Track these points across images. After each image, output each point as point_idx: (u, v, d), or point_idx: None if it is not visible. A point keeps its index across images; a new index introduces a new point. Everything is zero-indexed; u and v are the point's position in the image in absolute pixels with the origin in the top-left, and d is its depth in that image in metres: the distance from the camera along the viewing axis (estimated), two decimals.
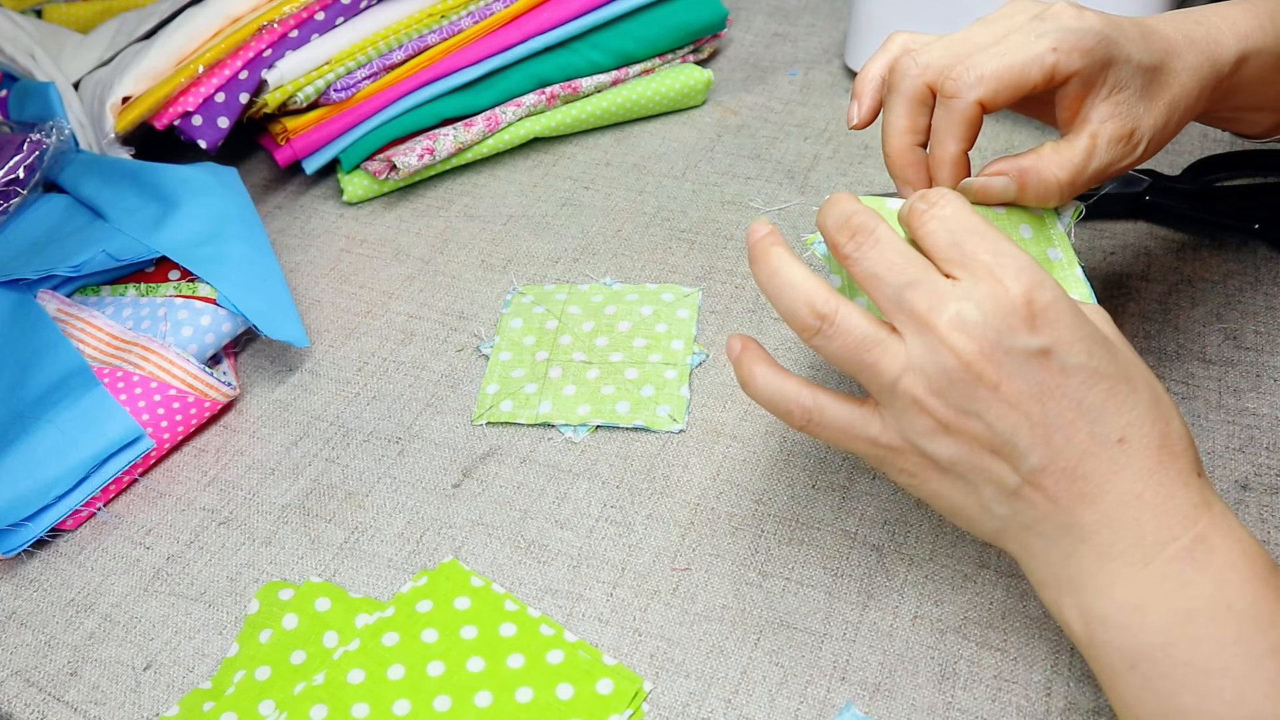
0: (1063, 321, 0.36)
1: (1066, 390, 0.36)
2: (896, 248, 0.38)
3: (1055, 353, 0.36)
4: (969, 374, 0.36)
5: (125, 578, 0.51)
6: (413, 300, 0.65)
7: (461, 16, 0.72)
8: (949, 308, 0.36)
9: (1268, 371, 0.55)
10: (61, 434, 0.52)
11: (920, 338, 0.36)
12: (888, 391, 0.37)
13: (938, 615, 0.47)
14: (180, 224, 0.60)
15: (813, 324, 0.38)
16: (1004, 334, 0.35)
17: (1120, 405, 0.36)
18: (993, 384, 0.36)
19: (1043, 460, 0.36)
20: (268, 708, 0.45)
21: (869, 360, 0.37)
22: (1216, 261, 0.62)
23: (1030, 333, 0.35)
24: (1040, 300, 0.36)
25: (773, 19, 0.88)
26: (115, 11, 0.83)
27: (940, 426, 0.37)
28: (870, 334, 0.37)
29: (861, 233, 0.38)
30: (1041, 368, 0.36)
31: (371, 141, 0.70)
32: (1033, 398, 0.36)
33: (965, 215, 0.38)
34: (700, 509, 0.52)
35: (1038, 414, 0.36)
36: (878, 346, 0.37)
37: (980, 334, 0.35)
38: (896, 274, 0.37)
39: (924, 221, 0.38)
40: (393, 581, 0.50)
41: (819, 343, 0.38)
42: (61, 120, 0.67)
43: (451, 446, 0.56)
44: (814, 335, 0.38)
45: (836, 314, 0.37)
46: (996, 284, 0.36)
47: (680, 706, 0.44)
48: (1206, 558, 0.35)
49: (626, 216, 0.69)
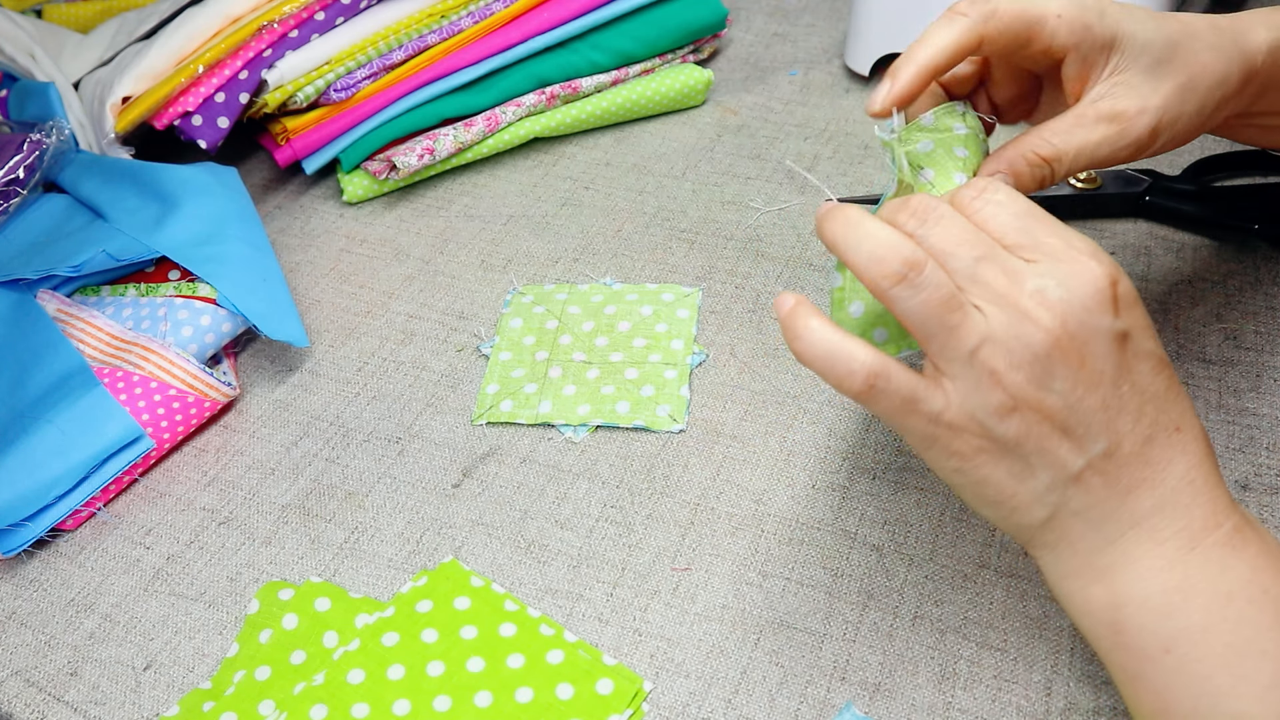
0: (1139, 308, 0.36)
1: (1138, 375, 0.36)
2: (963, 223, 0.36)
3: (1133, 337, 0.36)
4: (1054, 349, 0.35)
5: (125, 578, 0.51)
6: (413, 300, 0.65)
7: (461, 16, 0.72)
8: (1030, 283, 0.35)
9: (1268, 371, 0.55)
10: (61, 434, 0.52)
11: (1002, 311, 0.35)
12: (963, 360, 0.35)
13: (938, 615, 0.47)
14: (180, 224, 0.60)
15: (899, 269, 0.35)
16: (1091, 312, 0.35)
17: (1178, 395, 0.37)
18: (1077, 362, 0.35)
19: (1111, 445, 0.36)
20: (268, 708, 0.45)
21: (952, 322, 0.35)
22: (1216, 261, 0.62)
23: (1114, 315, 0.35)
24: (1123, 283, 0.36)
25: (773, 19, 0.88)
26: (115, 11, 0.83)
27: (1013, 403, 0.35)
28: (955, 295, 0.35)
29: (925, 210, 0.37)
30: (1120, 350, 0.36)
31: (371, 141, 0.70)
32: (1111, 380, 0.36)
33: (1023, 200, 0.37)
34: (700, 509, 0.52)
35: (1113, 396, 0.36)
36: (961, 309, 0.35)
37: (1065, 310, 0.35)
38: (969, 248, 0.36)
39: (980, 207, 0.37)
40: (393, 581, 0.50)
41: (902, 292, 0.35)
42: (61, 120, 0.67)
43: (451, 446, 0.56)
44: (897, 283, 0.35)
45: (928, 266, 0.35)
46: (1078, 263, 0.35)
47: (680, 706, 0.44)
48: (1243, 545, 0.36)
49: (626, 216, 0.69)
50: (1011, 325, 0.35)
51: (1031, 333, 0.35)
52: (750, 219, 0.68)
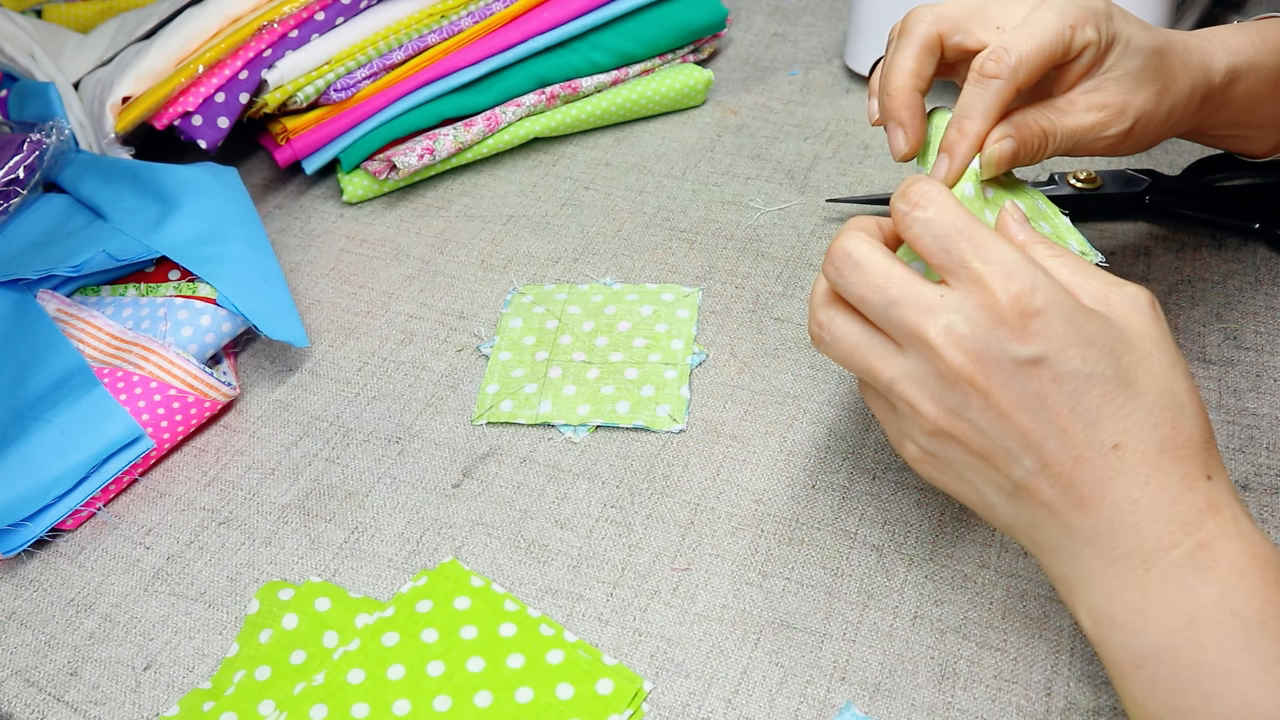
0: (1055, 328, 0.36)
1: (1058, 397, 0.36)
2: (878, 267, 0.38)
3: (1046, 360, 0.36)
4: (961, 382, 0.37)
5: (125, 578, 0.51)
6: (413, 300, 0.65)
7: (461, 16, 0.72)
8: (939, 319, 0.37)
9: (1268, 371, 0.55)
10: (61, 434, 0.52)
11: (914, 349, 0.38)
12: (886, 393, 0.40)
13: (938, 615, 0.47)
14: (180, 224, 0.60)
15: (815, 332, 0.42)
16: (993, 344, 0.36)
17: (1116, 411, 0.36)
18: (983, 392, 0.36)
19: (1035, 465, 0.37)
20: (268, 708, 0.45)
21: (864, 365, 0.40)
22: (1216, 261, 0.62)
23: (1020, 342, 0.36)
24: (1031, 307, 0.36)
25: (773, 19, 0.88)
26: (115, 11, 0.83)
27: (934, 429, 0.39)
28: (864, 341, 0.40)
29: (839, 259, 0.40)
30: (1032, 376, 0.36)
31: (371, 141, 0.70)
32: (1023, 406, 0.36)
33: (949, 215, 0.38)
34: (700, 509, 0.52)
35: (1028, 421, 0.36)
36: (872, 352, 0.39)
37: (969, 345, 0.36)
38: (879, 294, 0.38)
39: (908, 225, 0.39)
40: (393, 581, 0.50)
41: (824, 351, 0.42)
42: (61, 120, 0.67)
43: (451, 446, 0.56)
44: (818, 344, 0.42)
45: (832, 323, 0.41)
46: (985, 293, 0.36)
47: (680, 706, 0.44)
48: (1210, 564, 0.35)
49: (626, 216, 0.69)
50: (923, 363, 0.38)
51: (940, 369, 0.37)
52: (750, 219, 0.68)
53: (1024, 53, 0.42)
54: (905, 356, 0.38)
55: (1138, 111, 0.45)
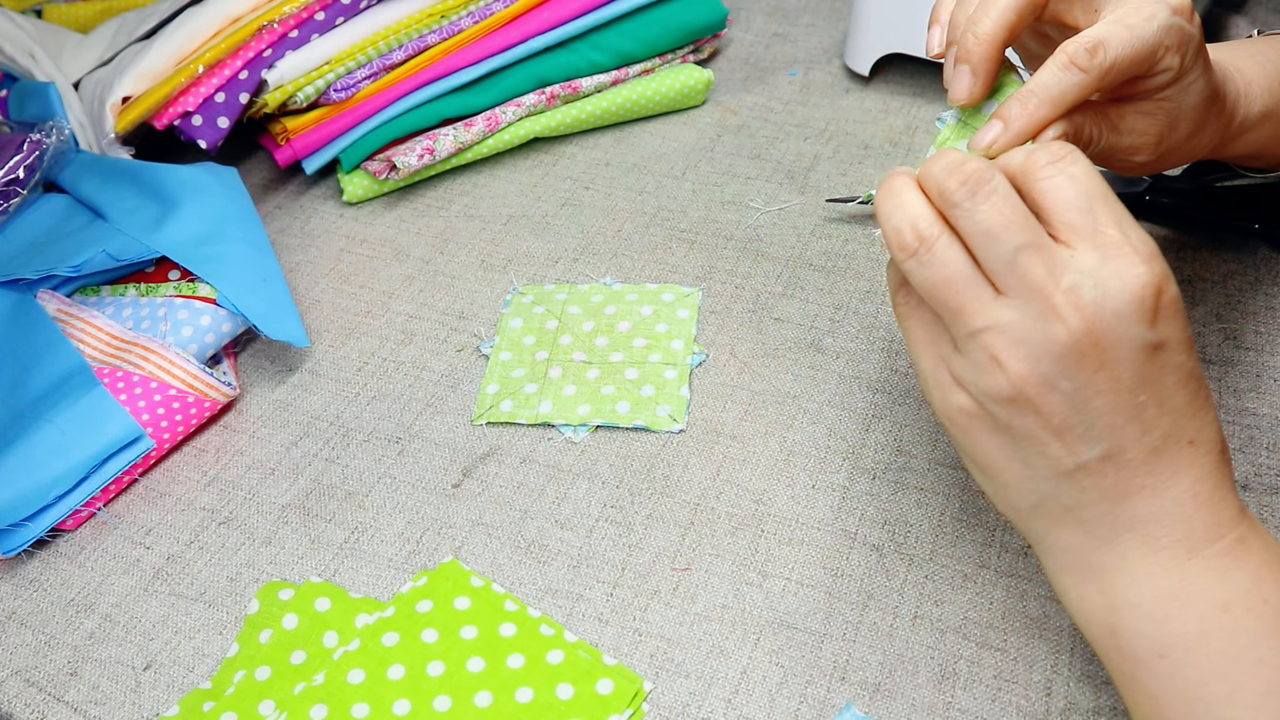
0: (1179, 319, 0.35)
1: (1162, 387, 0.35)
2: (1014, 204, 0.35)
3: (1166, 349, 0.35)
4: (1072, 350, 0.34)
5: (125, 578, 0.51)
6: (413, 300, 0.65)
7: (461, 16, 0.72)
8: (1067, 278, 0.34)
9: (1268, 371, 0.55)
10: (61, 434, 0.52)
11: (1030, 304, 0.34)
12: (965, 339, 0.36)
13: (938, 615, 0.47)
14: (180, 224, 0.60)
15: (911, 244, 0.36)
16: (1123, 319, 0.34)
17: (1199, 409, 0.36)
18: (1094, 365, 0.34)
19: (1109, 450, 0.35)
20: (268, 708, 0.45)
21: (954, 302, 0.36)
22: (1216, 261, 0.62)
23: (1150, 325, 0.34)
24: (1168, 293, 0.34)
25: (773, 19, 0.88)
26: (115, 11, 0.83)
27: (1012, 391, 0.35)
28: (966, 275, 0.35)
29: (977, 181, 0.35)
30: (1148, 361, 0.35)
31: (371, 141, 0.70)
32: (1131, 387, 0.35)
33: (1097, 179, 0.36)
34: (700, 509, 0.52)
35: (1126, 404, 0.35)
36: (969, 290, 0.35)
37: (1095, 313, 0.34)
38: (1014, 233, 0.34)
39: (1050, 174, 0.35)
40: (393, 581, 0.50)
41: (912, 266, 0.36)
42: (61, 120, 0.67)
43: (451, 446, 0.56)
44: (909, 257, 0.36)
45: (936, 242, 0.36)
46: (1126, 263, 0.34)
47: (680, 706, 0.44)
48: (1246, 555, 0.36)
49: (626, 216, 0.69)
50: (1036, 320, 0.34)
51: (1054, 330, 0.34)
52: (750, 219, 0.68)
53: (1119, 56, 0.39)
54: (1009, 308, 0.35)
55: (1168, 146, 0.43)
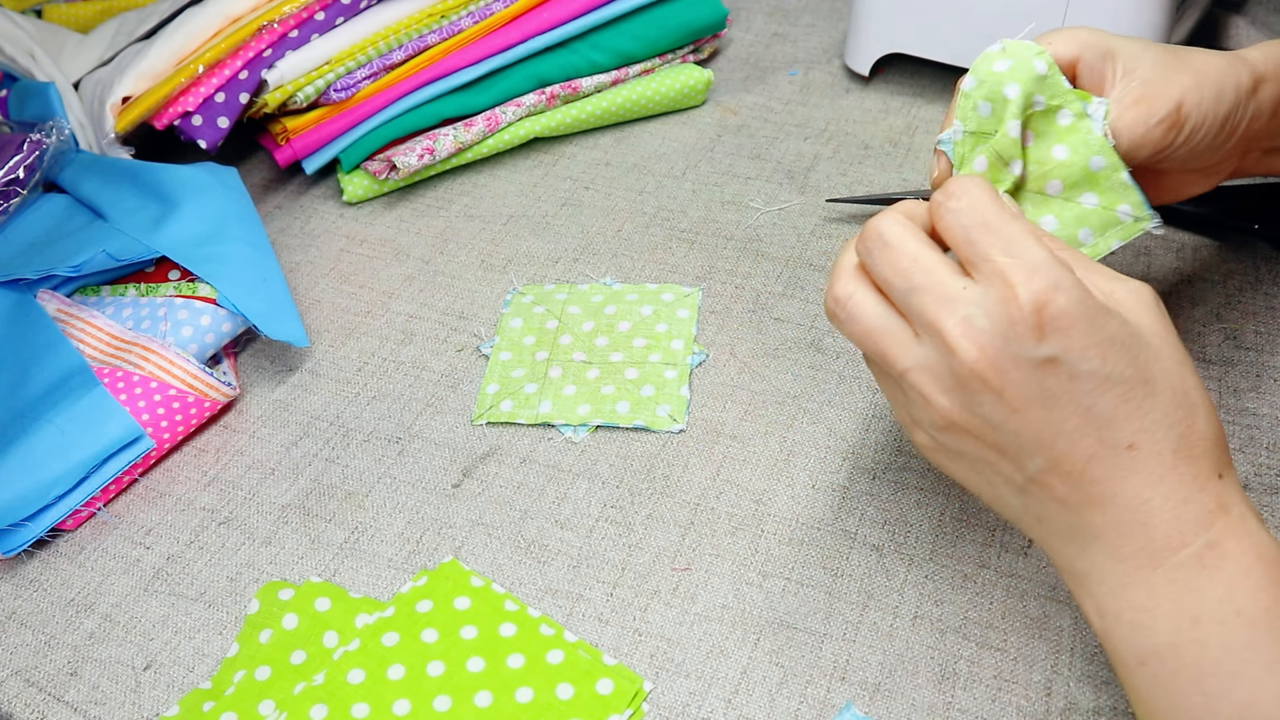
0: (1076, 328, 0.35)
1: (1074, 397, 0.35)
2: (907, 251, 0.38)
3: (1063, 360, 0.35)
4: (974, 377, 0.36)
5: (125, 578, 0.51)
6: (413, 300, 0.65)
7: (461, 16, 0.72)
8: (957, 312, 0.36)
9: (1268, 371, 0.55)
10: (61, 434, 0.52)
11: (931, 339, 0.37)
12: (898, 381, 0.39)
13: (938, 615, 0.47)
14: (180, 224, 0.60)
15: (830, 306, 0.40)
16: (1010, 342, 0.35)
17: (1133, 411, 0.36)
18: (997, 389, 0.36)
19: (1047, 463, 0.36)
20: (268, 708, 0.45)
21: (878, 349, 0.39)
22: (1216, 261, 0.62)
23: (1037, 341, 0.35)
24: (1052, 307, 0.35)
25: (773, 19, 0.88)
26: (115, 11, 0.83)
27: (946, 423, 0.38)
28: (882, 323, 0.39)
29: (871, 236, 0.39)
30: (1048, 375, 0.35)
31: (371, 141, 0.70)
32: (1037, 403, 0.36)
33: (981, 207, 0.37)
34: (700, 509, 0.52)
35: (1042, 419, 0.36)
36: (889, 336, 0.38)
37: (986, 341, 0.36)
38: (903, 278, 0.38)
39: (940, 216, 0.38)
40: (393, 581, 0.50)
41: (838, 325, 0.40)
42: (61, 120, 0.67)
43: (451, 446, 0.56)
44: (832, 318, 0.40)
45: (850, 299, 0.39)
46: (1006, 288, 0.35)
47: (680, 706, 0.44)
48: (1217, 564, 0.35)
49: (626, 216, 0.69)
50: (936, 353, 0.37)
51: (954, 363, 0.36)
52: (750, 219, 0.68)
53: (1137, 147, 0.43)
54: (921, 345, 0.38)
55: (1178, 95, 0.43)
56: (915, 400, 0.39)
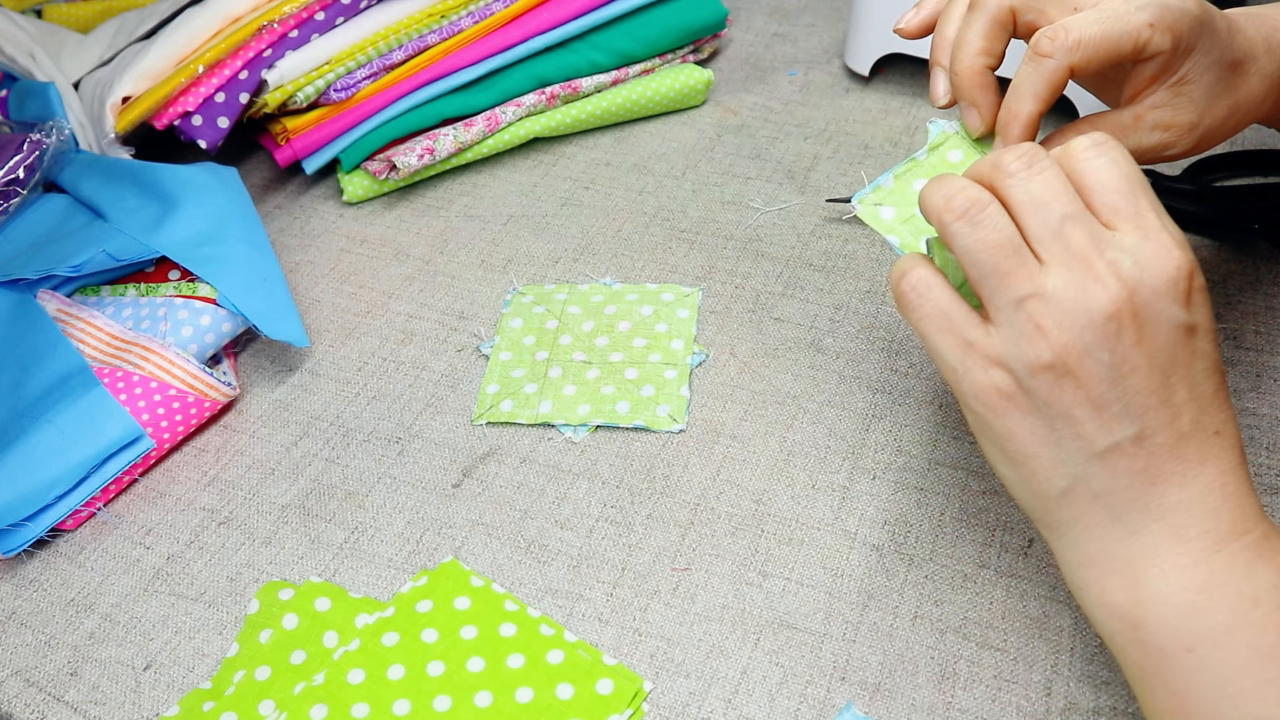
0: (1208, 308, 0.36)
1: (1193, 372, 0.36)
2: (1065, 180, 0.36)
3: (1198, 333, 0.36)
4: (1113, 319, 0.35)
5: (125, 578, 0.51)
6: (413, 300, 0.65)
7: (461, 16, 0.72)
8: (1109, 251, 0.35)
9: (1268, 371, 0.55)
10: (61, 434, 0.52)
11: (1072, 271, 0.35)
12: (1010, 307, 0.36)
13: (938, 615, 0.47)
14: (180, 224, 0.60)
15: (962, 205, 0.36)
16: (1160, 296, 0.35)
17: (1224, 402, 0.37)
18: (1134, 337, 0.35)
19: (1142, 431, 0.36)
20: (268, 708, 0.45)
21: (1004, 267, 0.36)
22: (1216, 261, 0.62)
23: (1185, 307, 0.35)
24: (1198, 280, 0.36)
25: (773, 19, 0.88)
26: (115, 11, 0.83)
27: (1052, 360, 0.35)
28: (1015, 240, 0.36)
29: (1033, 155, 0.37)
30: (1181, 343, 0.35)
31: (371, 141, 0.70)
32: (1164, 367, 0.35)
33: (1136, 168, 0.37)
34: (700, 509, 0.52)
35: (1160, 384, 0.35)
36: (1017, 256, 0.36)
37: (1135, 285, 0.35)
38: (1061, 203, 0.36)
39: (1092, 157, 0.36)
40: (393, 581, 0.50)
41: (961, 228, 0.37)
42: (61, 120, 0.67)
43: (451, 446, 0.56)
44: (959, 218, 0.36)
45: (990, 206, 0.36)
46: (1164, 247, 0.35)
47: (680, 706, 0.44)
48: (1272, 553, 0.36)
49: (626, 216, 0.69)
50: (1077, 287, 0.35)
51: (1096, 297, 0.35)
52: (750, 219, 0.68)
53: (1084, 36, 0.40)
54: (1053, 275, 0.35)
55: (1205, 129, 0.43)
56: (1023, 332, 0.35)
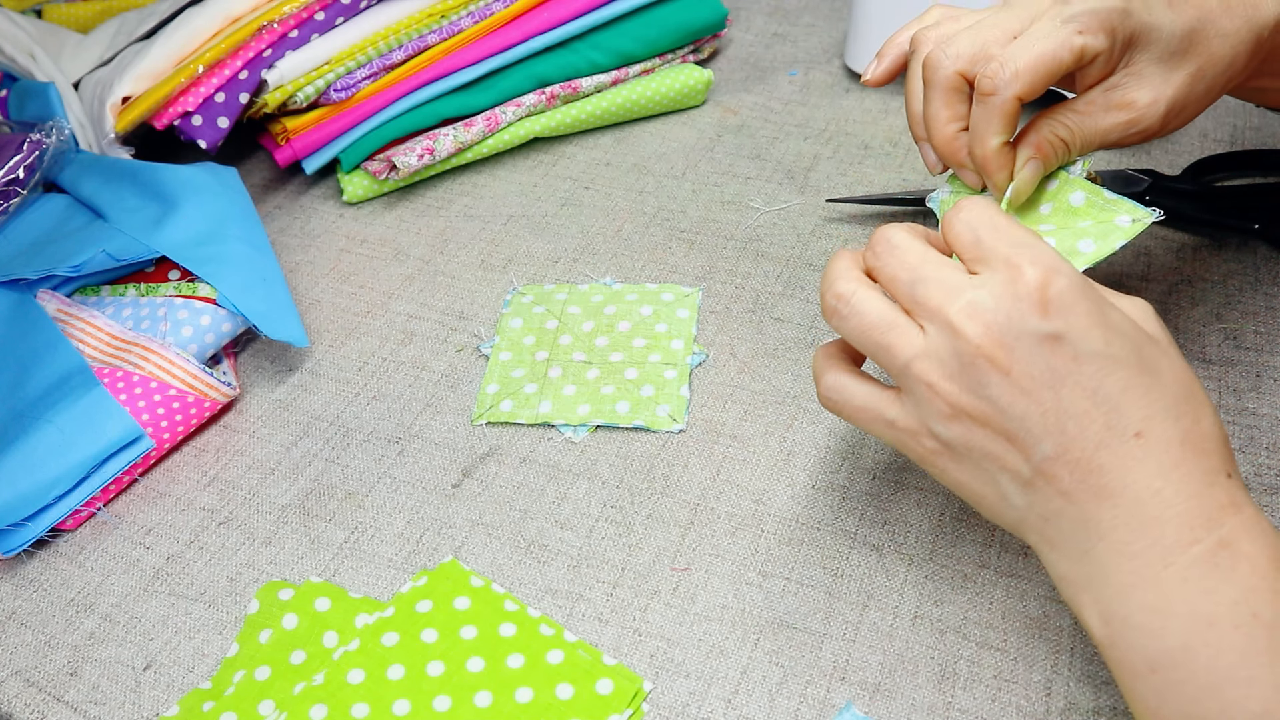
0: (1079, 307, 0.36)
1: (1080, 377, 0.35)
2: (915, 251, 0.39)
3: (1068, 339, 0.35)
4: (980, 357, 0.36)
5: (125, 578, 0.51)
6: (413, 300, 0.65)
7: (461, 16, 0.72)
8: (963, 296, 0.37)
9: (1268, 371, 0.55)
10: (61, 434, 0.52)
11: (934, 325, 0.37)
12: (901, 373, 0.38)
13: (938, 615, 0.47)
14: (180, 224, 0.60)
15: (831, 304, 0.40)
16: (1015, 318, 0.36)
17: (1139, 397, 0.36)
18: (1004, 368, 0.36)
19: (1055, 449, 0.36)
20: (268, 708, 0.45)
21: (883, 342, 0.39)
22: (1216, 261, 0.62)
23: (1041, 317, 0.35)
24: (1055, 286, 0.36)
25: (773, 19, 0.88)
26: (115, 11, 0.83)
27: (953, 411, 0.37)
28: (886, 318, 0.39)
29: (879, 243, 0.40)
30: (1053, 353, 0.35)
31: (371, 141, 0.70)
32: (1044, 384, 0.36)
33: (990, 213, 0.38)
34: (700, 509, 0.52)
35: (1049, 400, 0.36)
36: (892, 330, 0.38)
37: (991, 318, 0.36)
38: (909, 272, 0.38)
39: (950, 224, 0.39)
40: (393, 581, 0.50)
41: (837, 323, 0.40)
42: (61, 120, 0.67)
43: (451, 446, 0.56)
44: (833, 315, 0.40)
45: (853, 296, 0.39)
46: (1011, 271, 0.36)
47: (680, 706, 0.44)
48: (1231, 564, 0.34)
49: (626, 216, 0.69)
50: (942, 338, 0.37)
51: (959, 344, 0.36)
52: (750, 219, 0.68)
53: (1020, 66, 0.41)
54: (926, 335, 0.38)
55: (1169, 101, 0.44)
56: (920, 394, 0.38)
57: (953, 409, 0.37)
